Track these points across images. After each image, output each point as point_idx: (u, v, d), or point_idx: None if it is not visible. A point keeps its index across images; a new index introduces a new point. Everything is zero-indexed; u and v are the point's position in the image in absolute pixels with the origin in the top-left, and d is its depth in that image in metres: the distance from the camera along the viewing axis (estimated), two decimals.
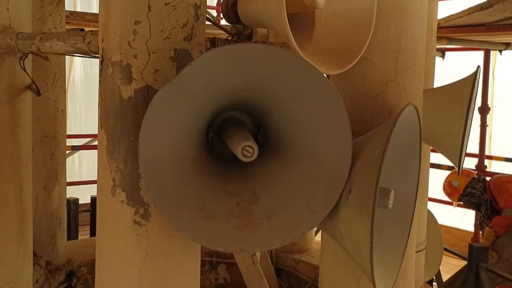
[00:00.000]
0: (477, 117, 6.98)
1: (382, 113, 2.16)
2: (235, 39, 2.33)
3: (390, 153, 1.75)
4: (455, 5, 6.16)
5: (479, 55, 7.12)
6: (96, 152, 2.03)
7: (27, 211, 2.75)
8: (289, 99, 1.91)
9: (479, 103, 6.94)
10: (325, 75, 1.87)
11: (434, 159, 6.19)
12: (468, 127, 2.73)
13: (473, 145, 7.04)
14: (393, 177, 1.98)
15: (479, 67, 2.83)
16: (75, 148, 7.30)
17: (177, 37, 1.86)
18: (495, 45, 6.47)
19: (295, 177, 1.97)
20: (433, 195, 6.15)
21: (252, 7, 2.10)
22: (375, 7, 2.00)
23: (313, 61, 1.78)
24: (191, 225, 1.86)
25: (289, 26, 1.76)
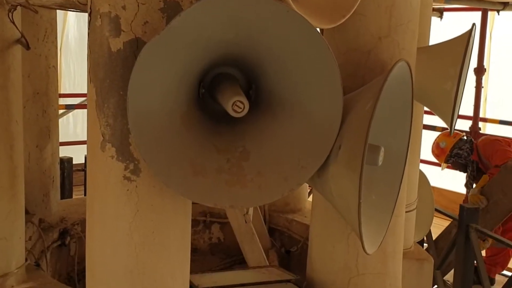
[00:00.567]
0: (472, 78, 6.94)
1: (374, 69, 2.14)
2: None
3: (380, 110, 1.74)
4: None
5: (478, 15, 7.04)
6: None
7: (18, 168, 2.74)
8: (281, 53, 1.89)
9: (475, 63, 6.90)
10: (318, 30, 1.84)
11: (428, 121, 6.19)
12: (461, 86, 2.71)
13: (468, 106, 7.02)
14: (384, 134, 1.97)
15: (474, 24, 2.80)
16: (69, 107, 7.26)
17: None
18: (492, 4, 6.39)
19: (285, 134, 1.96)
20: (427, 157, 6.17)
21: None
22: None
23: (305, 14, 1.75)
24: (181, 181, 1.86)
25: None
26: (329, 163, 1.83)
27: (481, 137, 6.07)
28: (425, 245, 5.02)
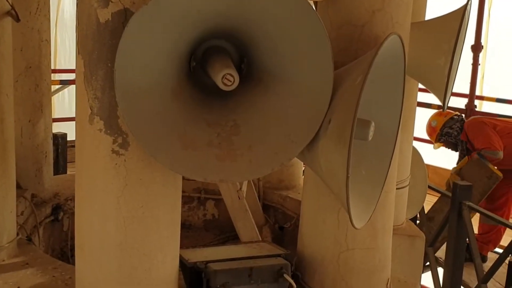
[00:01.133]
0: (469, 55, 6.90)
1: (368, 43, 2.12)
2: None
3: (371, 84, 1.72)
4: None
5: None
6: None
7: (9, 141, 2.72)
8: (272, 27, 1.87)
9: (472, 41, 6.85)
10: (312, 3, 1.82)
11: (424, 99, 6.17)
12: (455, 62, 2.69)
13: (465, 84, 6.99)
14: (375, 109, 1.95)
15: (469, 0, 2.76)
16: (63, 83, 7.21)
17: None
18: None
19: (276, 108, 1.94)
20: (422, 135, 6.16)
21: None
22: None
23: None
24: (170, 154, 1.84)
25: None
26: (319, 137, 1.82)
27: (475, 115, 6.05)
28: (418, 222, 5.04)
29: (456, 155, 5.88)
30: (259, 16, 1.84)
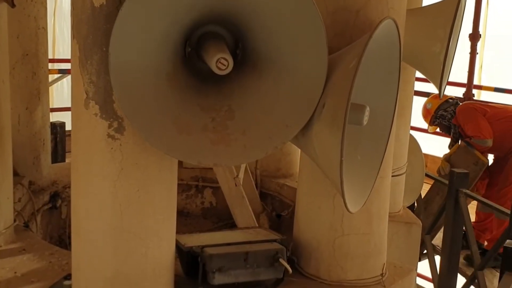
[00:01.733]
0: (467, 44, 6.88)
1: (363, 29, 2.12)
2: None
3: (366, 68, 1.73)
4: None
5: None
6: None
7: (5, 128, 2.73)
8: (267, 12, 1.87)
9: (470, 29, 6.83)
10: None
11: (422, 87, 6.16)
12: (451, 49, 2.69)
13: (463, 73, 6.97)
14: (371, 95, 1.95)
15: None
16: (62, 72, 7.19)
17: None
18: None
19: (270, 93, 1.95)
20: (420, 124, 6.16)
21: None
22: None
23: None
24: (165, 139, 1.85)
25: None
26: (313, 121, 1.83)
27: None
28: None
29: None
30: (254, 1, 1.84)
